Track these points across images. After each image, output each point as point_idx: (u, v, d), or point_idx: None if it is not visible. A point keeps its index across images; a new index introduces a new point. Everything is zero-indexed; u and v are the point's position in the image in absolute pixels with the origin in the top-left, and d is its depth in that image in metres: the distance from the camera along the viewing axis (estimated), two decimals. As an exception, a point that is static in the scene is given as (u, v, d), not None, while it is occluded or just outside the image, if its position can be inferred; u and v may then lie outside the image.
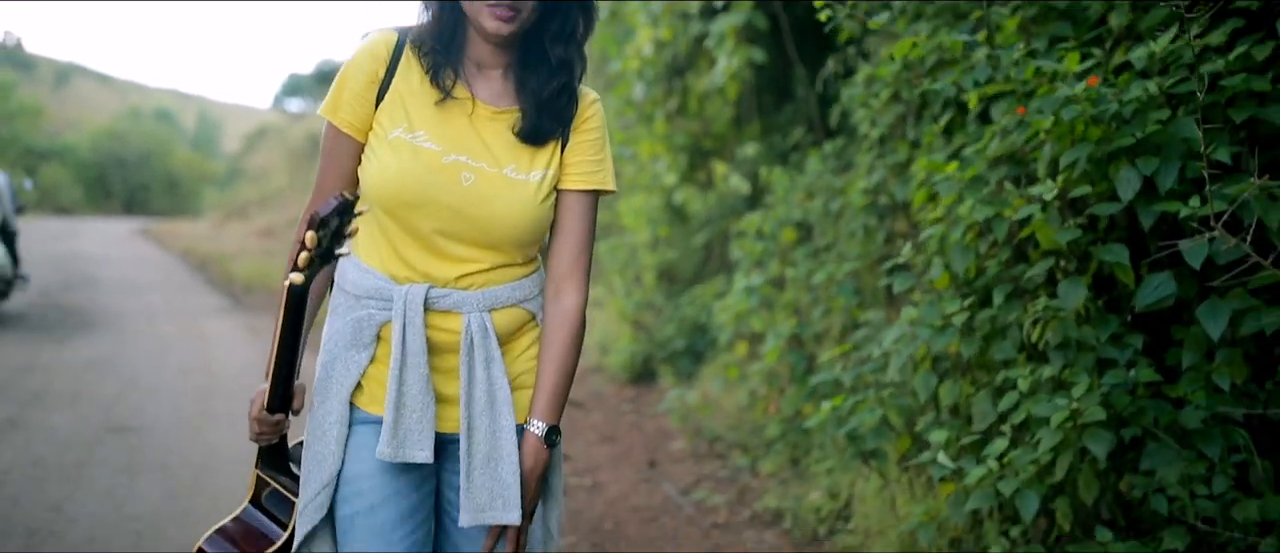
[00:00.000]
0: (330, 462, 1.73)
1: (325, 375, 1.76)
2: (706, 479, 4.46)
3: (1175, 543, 2.42)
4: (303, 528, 1.72)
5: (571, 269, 1.78)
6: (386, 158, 1.71)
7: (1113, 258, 2.44)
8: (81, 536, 3.83)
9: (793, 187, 4.64)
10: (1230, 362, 2.45)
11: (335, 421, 1.74)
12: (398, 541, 1.73)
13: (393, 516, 1.73)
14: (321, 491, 1.72)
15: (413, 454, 1.69)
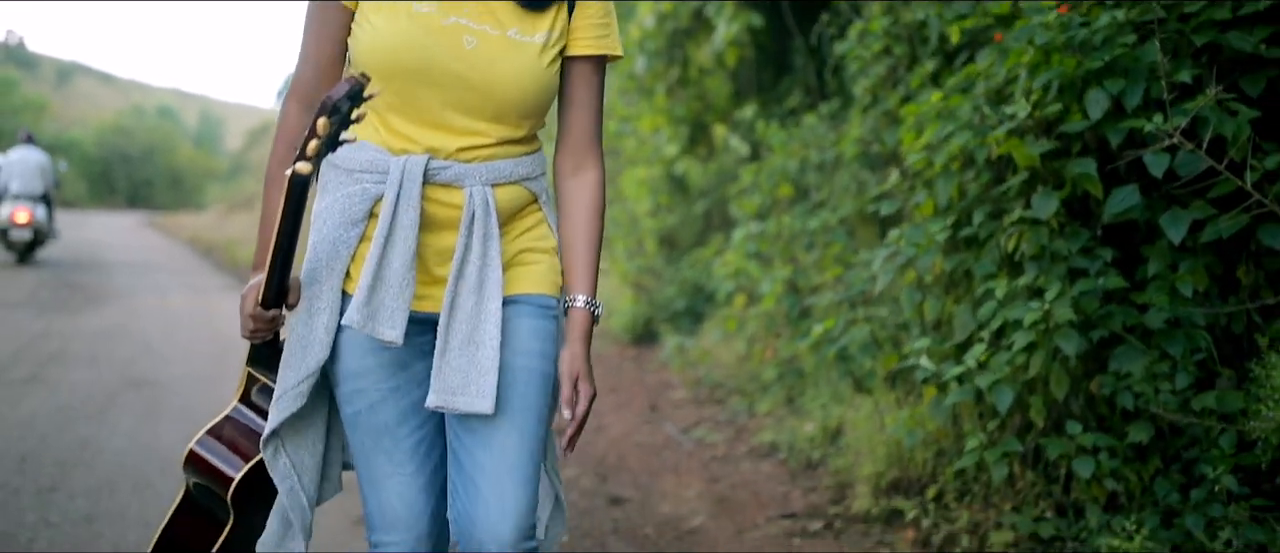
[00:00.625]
0: (317, 349, 1.64)
1: (315, 256, 1.65)
2: (706, 420, 4.65)
3: (1140, 436, 2.60)
4: (276, 418, 1.64)
5: (589, 141, 1.72)
6: (381, 24, 1.61)
7: (1081, 169, 2.62)
8: (109, 466, 4.01)
9: (789, 140, 4.83)
10: (1193, 270, 2.63)
11: (325, 306, 1.64)
12: (403, 437, 1.69)
13: (396, 413, 1.68)
14: (304, 379, 1.64)
15: (382, 331, 1.58)
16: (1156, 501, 2.58)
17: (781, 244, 4.57)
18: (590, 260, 1.71)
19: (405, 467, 1.69)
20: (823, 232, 4.24)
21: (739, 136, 5.87)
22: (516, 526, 1.63)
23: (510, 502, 1.63)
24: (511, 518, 1.63)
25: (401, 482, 1.69)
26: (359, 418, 1.68)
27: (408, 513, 1.70)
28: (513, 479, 1.63)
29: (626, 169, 7.55)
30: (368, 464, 1.70)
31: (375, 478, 1.70)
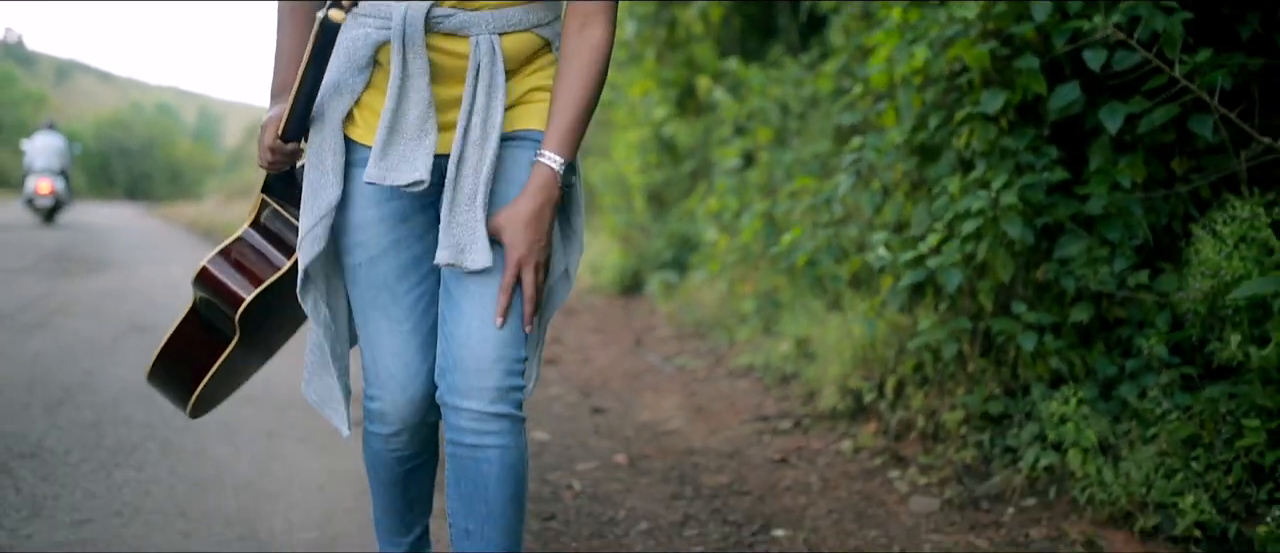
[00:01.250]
0: (329, 191, 1.64)
1: (321, 102, 1.65)
2: (687, 351, 4.83)
3: (1081, 315, 2.78)
4: (304, 259, 1.66)
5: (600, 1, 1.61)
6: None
7: (1025, 65, 2.80)
8: (114, 388, 4.18)
9: (768, 82, 5.00)
10: (1131, 163, 2.81)
11: (331, 149, 1.65)
12: (402, 293, 1.68)
13: (395, 268, 1.68)
14: (320, 221, 1.64)
15: (404, 177, 1.56)
16: (1095, 375, 2.76)
17: (760, 182, 4.75)
18: (574, 121, 1.60)
19: (402, 324, 1.68)
20: (797, 164, 4.42)
21: (724, 89, 6.04)
22: (501, 360, 1.59)
23: (495, 338, 1.59)
24: (496, 353, 1.59)
25: (398, 340, 1.68)
26: (359, 271, 1.68)
27: (403, 372, 1.69)
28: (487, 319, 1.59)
29: (618, 132, 7.72)
30: (366, 320, 1.70)
31: (373, 335, 1.69)
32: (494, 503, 1.63)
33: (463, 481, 1.63)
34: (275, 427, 3.58)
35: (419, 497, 1.88)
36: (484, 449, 1.60)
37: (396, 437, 1.75)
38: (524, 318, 1.60)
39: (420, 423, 1.74)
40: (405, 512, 1.88)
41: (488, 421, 1.59)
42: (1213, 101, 2.60)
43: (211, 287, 1.77)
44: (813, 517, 2.68)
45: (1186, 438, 2.45)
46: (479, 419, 1.59)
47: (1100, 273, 2.76)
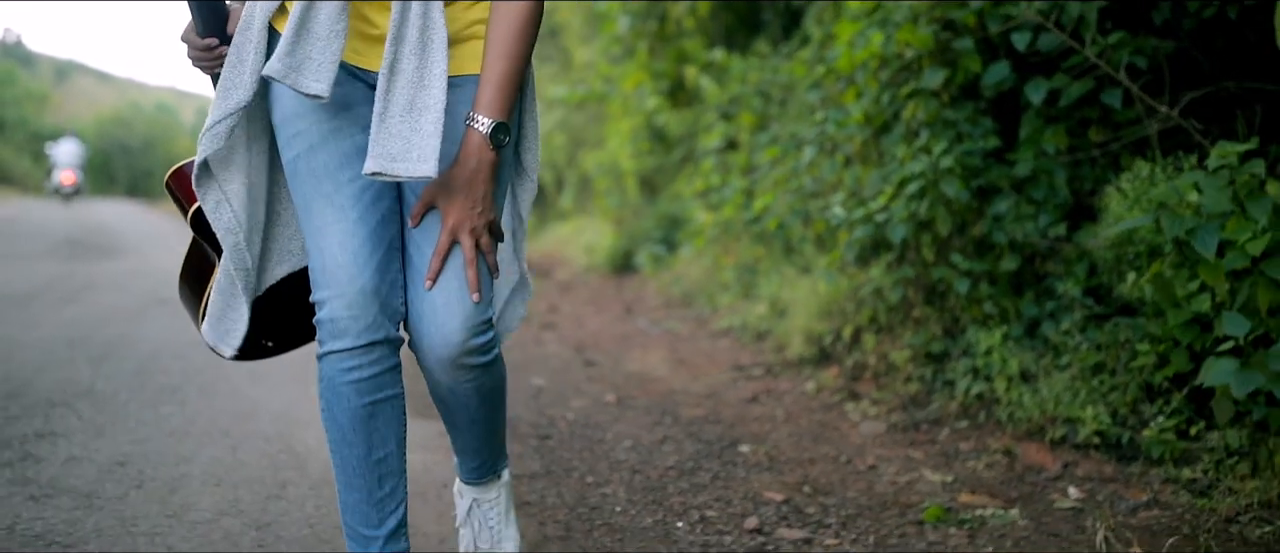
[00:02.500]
0: (240, 91, 1.56)
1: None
2: (674, 317, 5.23)
3: (1010, 265, 3.19)
4: (200, 154, 1.59)
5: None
6: None
7: (961, 46, 3.21)
8: (150, 345, 4.58)
9: (747, 68, 5.41)
10: (1054, 133, 3.22)
11: (253, 47, 1.57)
12: (346, 182, 1.58)
13: (337, 155, 1.59)
14: (223, 120, 1.57)
15: (307, 84, 1.48)
16: (1021, 315, 3.17)
17: (741, 163, 5.15)
18: (503, 78, 1.56)
19: (348, 213, 1.57)
20: (773, 143, 4.82)
21: (711, 78, 6.44)
22: (465, 322, 1.59)
23: (457, 299, 1.58)
24: (459, 315, 1.58)
25: (344, 229, 1.57)
26: (299, 163, 1.59)
27: (351, 263, 1.56)
28: (458, 275, 1.58)
29: (612, 121, 8.12)
30: (309, 214, 1.59)
31: (317, 227, 1.58)
32: (475, 415, 1.73)
33: (442, 404, 1.72)
34: (300, 374, 3.98)
35: (387, 466, 1.65)
36: (460, 387, 1.66)
37: (353, 355, 1.58)
38: (469, 284, 1.58)
39: (375, 334, 1.58)
40: (373, 487, 1.63)
41: (459, 371, 1.62)
42: (1121, 77, 3.00)
43: (175, 189, 1.77)
44: (775, 438, 3.08)
45: (1094, 365, 2.85)
46: (450, 370, 1.62)
47: (1027, 228, 3.16)
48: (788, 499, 2.50)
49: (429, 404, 2.18)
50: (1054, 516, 2.36)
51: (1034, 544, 2.19)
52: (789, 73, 4.99)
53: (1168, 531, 2.18)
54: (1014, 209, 3.17)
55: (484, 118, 1.55)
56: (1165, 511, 2.32)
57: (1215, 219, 2.33)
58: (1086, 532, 2.23)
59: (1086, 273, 3.07)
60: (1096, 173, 3.24)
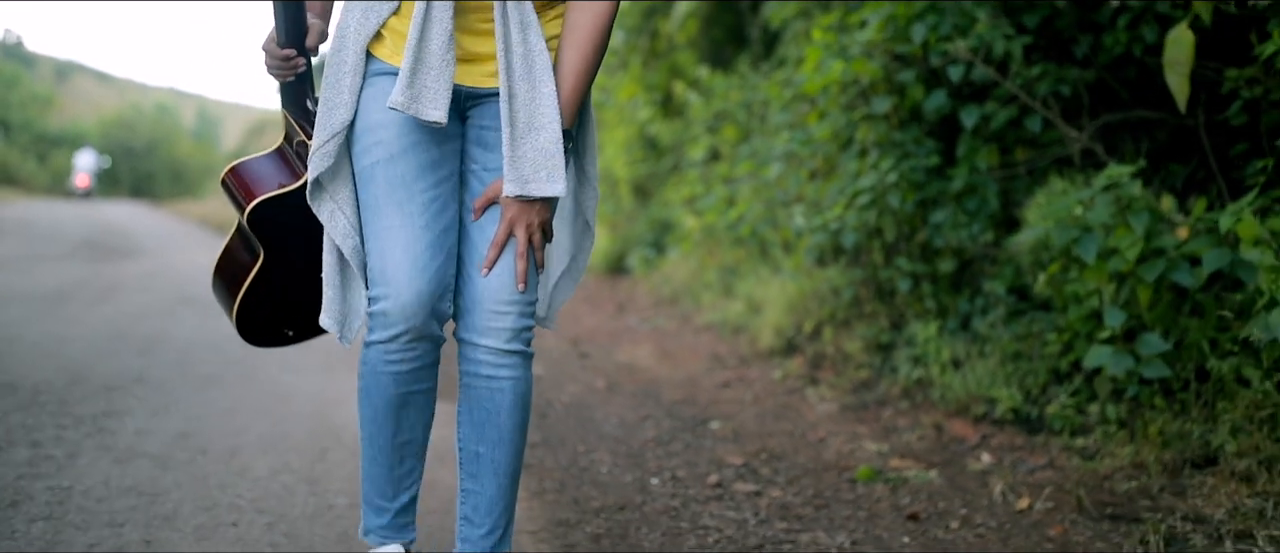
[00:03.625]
0: (341, 111, 1.68)
1: (344, 21, 1.71)
2: (661, 314, 5.72)
3: (947, 267, 3.68)
4: (312, 171, 1.70)
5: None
6: None
7: (906, 79, 3.69)
8: (187, 338, 5.06)
9: (729, 86, 5.90)
10: (987, 152, 3.70)
11: (350, 69, 1.69)
12: (418, 192, 1.69)
13: (413, 167, 1.69)
14: (330, 139, 1.69)
15: (427, 111, 1.62)
16: (956, 311, 3.66)
17: (724, 173, 5.64)
18: (573, 90, 1.69)
19: (415, 221, 1.68)
20: (752, 156, 5.31)
21: (697, 94, 6.93)
22: (513, 305, 1.72)
23: (508, 286, 1.71)
24: (508, 299, 1.71)
25: (410, 234, 1.67)
26: (376, 169, 1.69)
27: (412, 268, 1.66)
28: (510, 265, 1.71)
29: (608, 130, 8.60)
30: (378, 216, 1.69)
31: (385, 230, 1.68)
32: (504, 429, 1.78)
33: (476, 409, 1.78)
34: (327, 363, 4.46)
35: (410, 449, 1.82)
36: (499, 381, 1.75)
37: (396, 342, 1.70)
38: (517, 275, 1.71)
39: (422, 333, 1.70)
40: (395, 464, 1.81)
41: (503, 357, 1.74)
42: (1037, 106, 3.49)
43: (233, 185, 1.87)
44: (742, 417, 3.56)
45: (1013, 353, 3.34)
46: (495, 355, 1.73)
47: (962, 235, 3.65)
48: (746, 463, 2.98)
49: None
50: (966, 476, 2.84)
51: (944, 497, 2.67)
52: (767, 91, 5.47)
53: (1053, 486, 2.66)
54: (951, 219, 3.66)
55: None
56: (1057, 472, 2.80)
57: (1095, 230, 2.81)
58: (988, 487, 2.71)
59: (1011, 275, 3.56)
60: (1023, 187, 3.73)
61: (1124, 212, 2.91)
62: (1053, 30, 3.77)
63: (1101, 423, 2.91)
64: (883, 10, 3.76)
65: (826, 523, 2.49)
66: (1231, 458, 2.54)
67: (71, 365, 4.27)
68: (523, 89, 1.65)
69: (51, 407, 3.53)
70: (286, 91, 1.81)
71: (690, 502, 2.64)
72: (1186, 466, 2.65)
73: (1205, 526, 2.29)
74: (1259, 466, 2.48)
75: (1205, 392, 2.75)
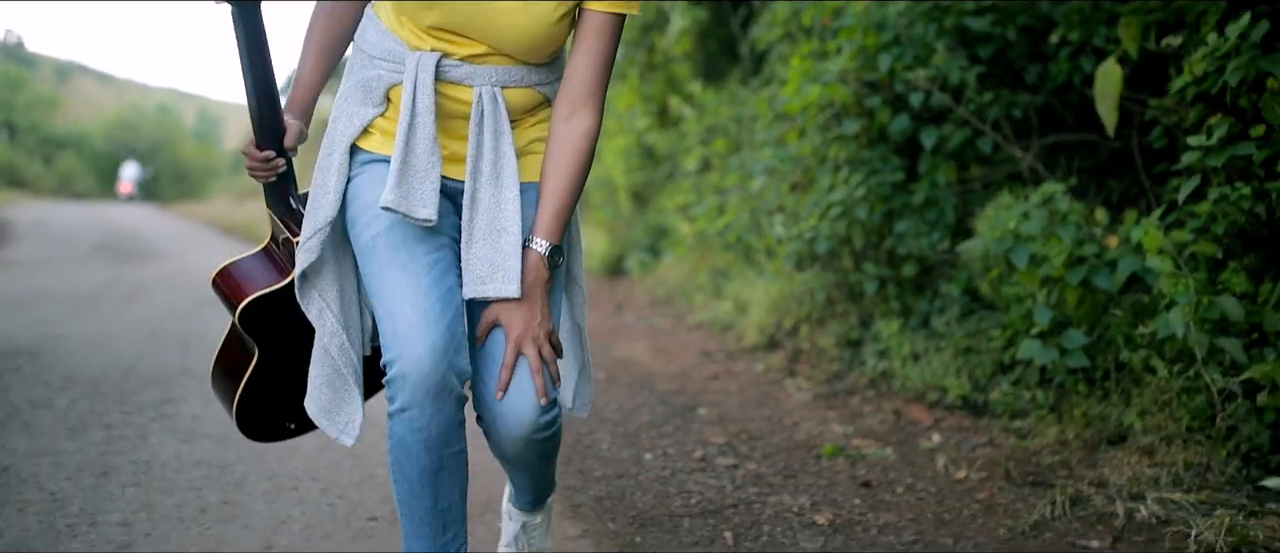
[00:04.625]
0: (327, 208, 1.72)
1: (332, 126, 1.77)
2: (657, 314, 6.17)
3: (910, 271, 4.13)
4: (299, 266, 1.74)
5: (591, 91, 1.71)
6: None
7: (874, 103, 4.14)
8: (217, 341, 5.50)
9: (719, 102, 6.35)
10: (945, 169, 4.15)
11: (335, 169, 1.74)
12: (421, 254, 1.70)
13: (413, 233, 1.71)
14: (316, 233, 1.73)
15: (417, 210, 1.66)
16: (917, 310, 4.11)
17: (715, 182, 6.09)
18: (560, 207, 1.72)
19: (422, 279, 1.68)
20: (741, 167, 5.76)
21: (691, 107, 7.38)
22: (534, 413, 1.71)
23: (529, 397, 1.70)
24: (530, 409, 1.70)
25: (417, 291, 1.67)
26: (376, 240, 1.71)
27: (423, 321, 1.64)
28: (525, 375, 1.70)
29: (607, 139, 9.06)
30: (382, 282, 1.69)
31: (391, 293, 1.68)
32: (535, 467, 1.90)
33: (505, 460, 1.87)
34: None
35: (452, 515, 1.77)
36: (527, 453, 1.79)
37: (423, 411, 1.66)
38: (537, 391, 1.70)
39: (442, 387, 1.65)
40: (438, 533, 1.76)
41: (529, 445, 1.76)
42: (987, 129, 3.95)
43: (221, 289, 1.93)
44: (726, 404, 4.02)
45: (964, 348, 3.79)
46: (520, 446, 1.76)
47: (923, 243, 4.10)
48: (727, 442, 3.43)
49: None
50: (917, 452, 3.29)
51: (896, 469, 3.12)
52: (755, 106, 5.92)
53: (988, 460, 3.11)
54: (913, 228, 4.11)
55: (542, 241, 1.72)
56: (994, 448, 3.25)
57: (1026, 241, 3.27)
58: (934, 462, 3.16)
59: (965, 279, 4.01)
60: (978, 200, 4.18)
61: (1055, 224, 3.37)
62: (1006, 59, 4.22)
63: (1035, 407, 3.36)
64: (854, 41, 4.21)
65: (792, 489, 2.94)
66: (1138, 435, 2.99)
67: (121, 360, 4.72)
68: (487, 194, 1.72)
69: (113, 396, 3.98)
70: (270, 191, 1.83)
71: (677, 472, 3.10)
72: (1103, 442, 3.10)
73: (1106, 489, 2.74)
74: (1161, 441, 2.93)
75: (1122, 379, 3.20)
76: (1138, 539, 2.43)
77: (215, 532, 2.52)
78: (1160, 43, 3.37)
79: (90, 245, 11.96)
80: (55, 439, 3.29)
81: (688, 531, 2.61)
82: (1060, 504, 2.66)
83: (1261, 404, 2.82)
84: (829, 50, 4.69)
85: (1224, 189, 2.85)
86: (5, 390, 3.97)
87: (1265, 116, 2.78)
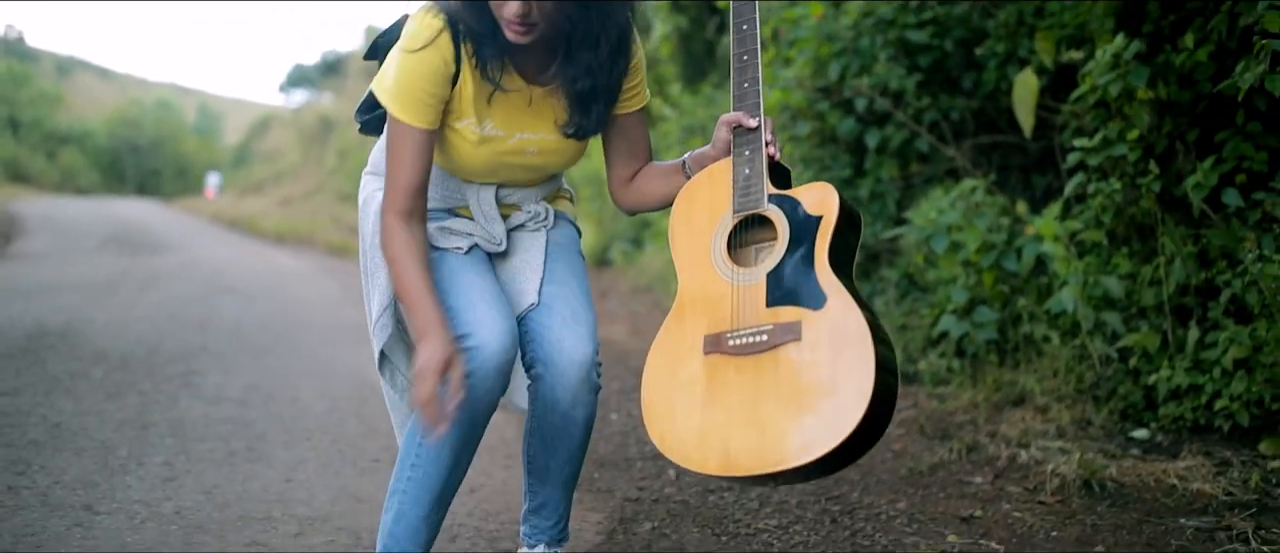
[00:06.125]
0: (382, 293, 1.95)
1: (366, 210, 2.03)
2: (637, 300, 6.65)
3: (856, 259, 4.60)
4: (377, 343, 1.97)
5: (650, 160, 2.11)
6: (458, 144, 1.92)
7: (823, 108, 4.61)
8: (234, 322, 5.98)
9: (695, 102, 6.82)
10: (888, 166, 4.62)
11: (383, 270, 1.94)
12: (486, 270, 1.96)
13: (480, 254, 2.00)
14: (385, 309, 1.95)
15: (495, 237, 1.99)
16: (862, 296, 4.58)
17: (690, 178, 6.57)
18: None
19: (488, 276, 1.95)
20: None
21: (672, 108, 7.86)
22: (590, 331, 1.96)
23: (582, 316, 1.97)
24: (585, 325, 1.96)
25: (491, 293, 1.90)
26: (445, 258, 1.95)
27: (496, 312, 1.86)
28: (580, 299, 2.01)
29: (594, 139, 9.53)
30: (456, 285, 1.90)
31: (466, 288, 1.90)
32: (573, 450, 2.03)
33: (551, 435, 2.00)
34: (363, 338, 5.38)
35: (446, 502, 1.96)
36: (575, 413, 1.96)
37: (490, 374, 1.81)
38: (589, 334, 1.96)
39: (500, 373, 1.83)
40: (431, 513, 1.93)
41: (581, 394, 1.94)
42: (922, 131, 4.42)
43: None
44: (691, 376, 4.49)
45: (900, 325, 4.27)
46: (574, 394, 1.93)
47: (867, 232, 4.57)
48: (685, 406, 3.91)
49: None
50: (850, 414, 3.76)
51: (829, 427, 3.59)
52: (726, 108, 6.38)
53: (911, 420, 3.59)
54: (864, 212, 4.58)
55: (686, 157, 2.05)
56: (918, 410, 3.72)
57: (943, 229, 3.75)
58: (863, 421, 3.63)
59: (904, 265, 4.48)
60: (919, 194, 4.65)
61: (972, 215, 3.84)
62: (944, 68, 4.69)
63: (954, 375, 3.84)
64: (807, 51, 4.68)
65: (735, 442, 3.42)
66: (1036, 397, 3.47)
67: (144, 340, 5.19)
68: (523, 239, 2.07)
69: (142, 369, 4.46)
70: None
71: (636, 428, 3.57)
72: (1007, 404, 3.58)
73: (998, 439, 3.22)
74: (1054, 401, 3.41)
75: (1027, 351, 3.68)
76: (1014, 476, 2.91)
77: (243, 470, 3.00)
78: (1060, 57, 3.85)
79: (100, 238, 12.43)
80: (96, 402, 3.76)
81: (640, 470, 3.08)
82: (957, 451, 3.14)
83: (1135, 367, 3.30)
84: (791, 58, 5.16)
85: (1101, 184, 3.33)
86: (43, 364, 4.44)
87: (1135, 122, 3.25)
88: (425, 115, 1.82)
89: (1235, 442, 2.99)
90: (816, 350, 1.67)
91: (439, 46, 1.80)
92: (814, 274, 1.75)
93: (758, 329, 1.74)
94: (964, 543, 2.43)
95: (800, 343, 1.69)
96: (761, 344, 1.72)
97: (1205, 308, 3.22)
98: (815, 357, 1.67)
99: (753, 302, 1.78)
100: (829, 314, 1.69)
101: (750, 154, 1.87)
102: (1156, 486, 2.73)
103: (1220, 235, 3.12)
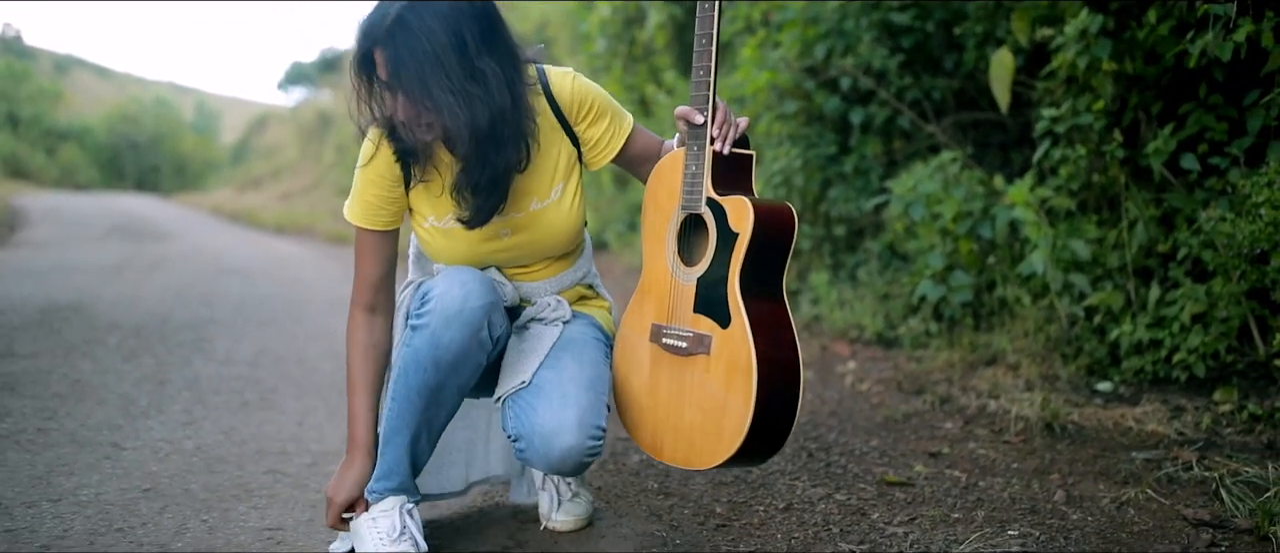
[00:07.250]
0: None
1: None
2: (631, 280, 6.83)
3: (841, 230, 4.79)
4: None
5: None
6: (428, 239, 2.00)
7: (809, 87, 4.80)
8: (237, 300, 6.16)
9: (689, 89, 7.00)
10: (871, 143, 4.81)
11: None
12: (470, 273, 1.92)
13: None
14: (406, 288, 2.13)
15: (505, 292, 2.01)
16: (847, 264, 4.77)
17: (684, 161, 6.75)
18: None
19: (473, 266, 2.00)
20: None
21: (666, 95, 8.03)
22: (579, 417, 1.86)
23: (572, 400, 1.88)
24: (574, 409, 1.86)
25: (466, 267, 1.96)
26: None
27: (461, 273, 1.91)
28: (576, 385, 1.91)
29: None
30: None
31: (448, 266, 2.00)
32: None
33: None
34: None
35: (430, 439, 1.98)
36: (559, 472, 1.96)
37: (440, 329, 1.85)
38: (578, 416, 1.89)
39: (459, 318, 1.86)
40: (414, 443, 1.95)
41: (561, 469, 1.94)
42: (904, 109, 4.61)
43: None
44: (682, 344, 4.67)
45: (882, 294, 4.45)
46: (551, 468, 1.93)
47: (852, 207, 4.76)
48: (676, 367, 4.09)
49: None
50: (833, 376, 3.95)
51: (813, 388, 3.78)
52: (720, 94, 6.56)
53: (889, 379, 3.77)
54: (844, 194, 4.77)
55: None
56: (897, 371, 3.91)
57: (921, 198, 3.93)
58: (845, 380, 3.82)
59: (887, 238, 4.67)
60: (902, 170, 4.84)
61: (949, 186, 4.03)
62: (926, 49, 4.88)
63: (932, 338, 4.03)
64: (794, 33, 4.87)
65: (722, 396, 3.60)
66: (1008, 356, 3.66)
67: (154, 313, 5.37)
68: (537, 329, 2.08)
69: (154, 336, 4.63)
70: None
71: (630, 385, 3.76)
72: (981, 364, 3.76)
73: (969, 392, 3.40)
74: (1025, 358, 3.60)
75: (1001, 313, 3.87)
76: (983, 422, 3.09)
77: (258, 416, 3.18)
78: (1035, 35, 4.03)
79: (104, 229, 12.60)
80: (114, 363, 3.94)
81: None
82: (931, 402, 3.33)
83: (1099, 325, 3.49)
84: (780, 41, 5.34)
85: (1068, 150, 3.51)
86: (59, 333, 4.62)
87: (1100, 94, 3.44)
88: (376, 219, 1.97)
89: (1192, 391, 3.17)
90: (715, 372, 1.84)
91: (382, 156, 1.93)
92: (726, 292, 1.85)
93: (682, 334, 1.90)
94: (929, 472, 2.61)
95: (709, 357, 1.86)
96: (682, 350, 1.90)
97: (1166, 268, 3.40)
98: (715, 377, 1.84)
99: (684, 303, 1.93)
100: (730, 337, 1.82)
101: (697, 150, 1.94)
102: (1114, 428, 2.92)
103: (1179, 199, 3.31)
